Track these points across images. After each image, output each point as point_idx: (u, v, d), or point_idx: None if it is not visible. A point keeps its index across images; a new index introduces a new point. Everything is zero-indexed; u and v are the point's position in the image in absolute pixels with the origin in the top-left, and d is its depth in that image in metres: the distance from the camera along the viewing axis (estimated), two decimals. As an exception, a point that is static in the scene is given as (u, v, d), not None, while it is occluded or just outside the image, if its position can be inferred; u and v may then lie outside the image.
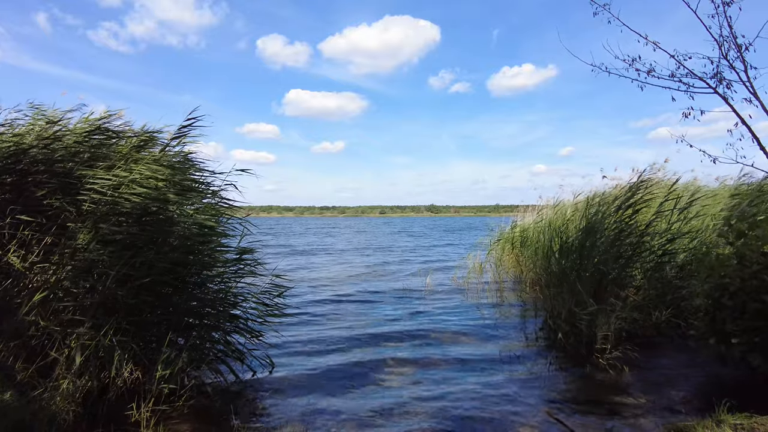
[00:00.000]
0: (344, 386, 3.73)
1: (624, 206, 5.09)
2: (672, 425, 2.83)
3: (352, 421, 3.09)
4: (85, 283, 3.15)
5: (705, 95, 3.70)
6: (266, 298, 4.08)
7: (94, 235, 3.17)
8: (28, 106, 3.82)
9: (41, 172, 3.28)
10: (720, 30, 3.53)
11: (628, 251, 4.94)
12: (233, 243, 4.07)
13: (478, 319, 5.99)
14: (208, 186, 4.05)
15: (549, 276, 5.41)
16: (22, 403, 2.58)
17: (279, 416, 3.16)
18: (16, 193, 3.27)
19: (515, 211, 10.44)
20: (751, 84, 3.48)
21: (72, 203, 3.28)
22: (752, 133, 3.49)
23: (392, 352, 4.64)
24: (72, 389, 2.74)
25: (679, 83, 3.76)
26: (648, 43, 3.81)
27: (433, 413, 3.20)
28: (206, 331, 3.68)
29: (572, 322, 4.54)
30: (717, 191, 7.27)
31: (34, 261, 3.14)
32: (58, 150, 3.41)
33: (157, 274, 3.36)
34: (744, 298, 3.33)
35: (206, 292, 3.88)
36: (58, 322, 2.97)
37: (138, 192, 3.34)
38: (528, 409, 3.25)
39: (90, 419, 2.77)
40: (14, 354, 2.88)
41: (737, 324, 3.33)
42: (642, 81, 3.86)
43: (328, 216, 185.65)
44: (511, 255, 9.62)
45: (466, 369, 4.15)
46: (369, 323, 5.94)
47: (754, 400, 2.98)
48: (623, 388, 3.63)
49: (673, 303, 4.78)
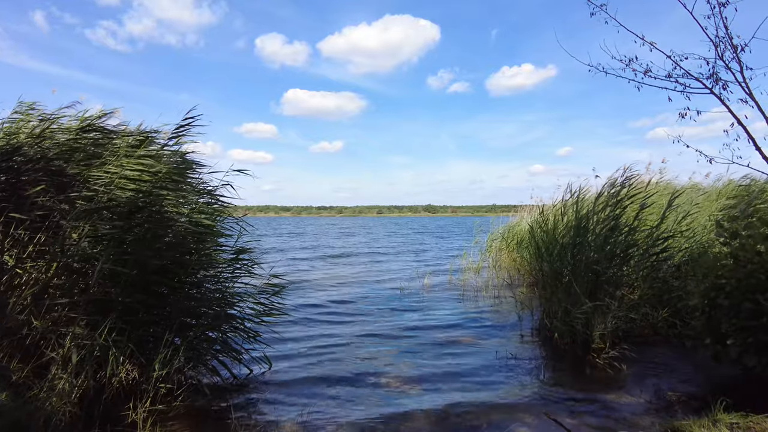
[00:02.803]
0: (342, 386, 3.72)
1: (611, 203, 5.11)
2: (669, 424, 2.84)
3: (351, 420, 3.08)
4: (77, 281, 3.13)
5: (702, 96, 3.72)
6: (263, 298, 4.08)
7: (86, 232, 3.15)
8: (20, 104, 3.79)
9: (34, 171, 3.26)
10: (716, 31, 3.55)
11: (620, 250, 4.95)
12: (234, 243, 4.06)
13: (475, 320, 6.00)
14: (205, 185, 4.04)
15: (544, 276, 5.42)
16: (17, 404, 2.56)
17: (277, 416, 3.15)
18: (8, 191, 3.24)
19: (512, 211, 10.48)
20: (747, 84, 3.50)
21: (64, 200, 3.26)
22: (748, 133, 3.51)
23: (390, 353, 4.64)
24: (68, 389, 2.73)
25: (676, 84, 3.78)
26: (645, 43, 3.83)
27: (430, 413, 3.20)
28: (203, 330, 3.67)
29: (568, 322, 4.56)
30: (713, 191, 7.31)
31: (27, 259, 3.12)
32: (51, 148, 3.39)
33: (152, 272, 3.34)
34: (739, 298, 3.35)
35: (203, 291, 3.87)
36: (52, 321, 2.95)
37: (130, 188, 3.32)
38: (525, 409, 3.25)
39: (86, 419, 2.75)
40: (9, 354, 2.86)
41: (732, 324, 3.35)
42: (639, 81, 3.88)
43: (325, 216, 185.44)
44: (508, 255, 9.65)
45: (463, 369, 4.15)
46: (368, 323, 5.94)
47: (750, 399, 3.00)
48: (620, 387, 3.64)
49: (670, 303, 4.80)
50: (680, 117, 3.79)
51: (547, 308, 5.04)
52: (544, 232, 5.67)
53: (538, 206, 8.90)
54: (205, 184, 4.07)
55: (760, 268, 3.31)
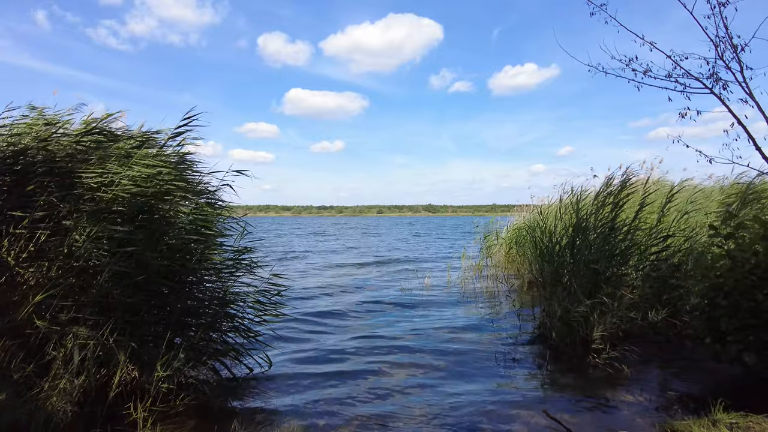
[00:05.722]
0: (343, 386, 3.73)
1: (608, 202, 5.10)
2: (668, 424, 2.85)
3: (350, 420, 3.09)
4: (80, 281, 3.14)
5: (703, 96, 3.73)
6: (263, 298, 4.09)
7: (89, 233, 3.16)
8: (27, 107, 3.79)
9: (39, 173, 3.27)
10: (716, 31, 3.55)
11: (620, 249, 4.95)
12: (236, 243, 4.06)
13: (475, 319, 6.00)
14: (206, 186, 4.04)
15: (543, 275, 5.42)
16: (18, 403, 2.57)
17: (276, 416, 3.15)
18: (13, 191, 3.25)
19: (512, 211, 10.48)
20: (747, 84, 3.51)
21: (68, 200, 3.27)
22: (748, 133, 3.51)
23: (390, 353, 4.65)
24: (69, 388, 2.73)
25: (676, 84, 3.78)
26: (645, 43, 3.83)
27: (430, 413, 3.21)
28: (204, 330, 3.68)
29: (568, 322, 4.56)
30: (712, 189, 7.31)
31: (29, 258, 3.12)
32: (56, 151, 3.40)
33: (154, 272, 3.35)
34: (738, 297, 3.36)
35: (204, 291, 3.87)
36: (55, 321, 2.96)
37: (132, 190, 3.33)
38: (525, 408, 3.26)
39: (87, 419, 2.76)
40: (10, 353, 2.87)
41: (732, 323, 3.36)
42: (638, 81, 3.89)
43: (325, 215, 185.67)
44: (507, 254, 9.66)
45: (463, 369, 4.16)
46: (368, 324, 5.95)
47: (749, 398, 3.01)
48: (619, 386, 3.64)
49: (670, 302, 4.80)
50: (680, 117, 3.80)
51: (547, 308, 5.04)
52: (544, 232, 5.67)
53: (537, 206, 8.92)
54: (205, 185, 4.08)
55: (756, 268, 3.32)
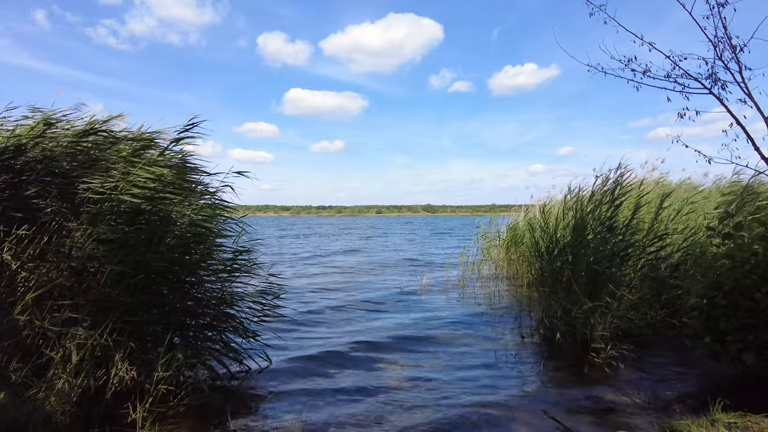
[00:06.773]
0: (342, 385, 3.72)
1: (605, 201, 5.11)
2: (667, 424, 2.85)
3: (350, 420, 3.09)
4: (80, 281, 3.14)
5: (702, 96, 3.73)
6: (262, 298, 4.08)
7: (90, 234, 3.16)
8: (29, 109, 3.78)
9: (38, 173, 3.26)
10: (715, 31, 3.55)
11: (620, 249, 4.95)
12: (237, 244, 4.06)
13: (474, 319, 6.00)
14: (206, 187, 4.04)
15: (543, 275, 5.43)
16: (16, 403, 2.56)
17: (276, 415, 3.15)
18: (11, 192, 3.25)
19: (510, 211, 10.48)
20: (745, 85, 3.51)
21: (68, 202, 3.27)
22: (747, 133, 3.52)
23: (389, 353, 4.64)
24: (68, 389, 2.73)
25: (675, 84, 3.78)
26: (644, 43, 3.83)
27: (429, 413, 3.20)
28: (202, 330, 3.67)
29: (568, 321, 4.56)
30: (710, 191, 7.32)
31: (29, 260, 3.12)
32: (55, 151, 3.39)
33: (153, 273, 3.34)
34: (737, 296, 3.36)
35: (202, 291, 3.87)
36: (53, 322, 2.95)
37: (134, 192, 3.33)
38: (524, 408, 3.26)
39: (86, 419, 2.76)
40: (8, 353, 2.86)
41: (731, 322, 3.37)
42: (638, 81, 3.88)
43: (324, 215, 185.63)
44: (506, 254, 9.65)
45: (463, 369, 4.16)
46: (366, 322, 5.94)
47: (748, 398, 3.01)
48: (619, 386, 3.64)
49: (669, 302, 4.81)
50: (679, 117, 3.79)
51: (547, 307, 5.04)
52: (544, 231, 5.68)
53: (537, 206, 8.91)
54: (205, 185, 4.07)
55: (756, 267, 3.32)
